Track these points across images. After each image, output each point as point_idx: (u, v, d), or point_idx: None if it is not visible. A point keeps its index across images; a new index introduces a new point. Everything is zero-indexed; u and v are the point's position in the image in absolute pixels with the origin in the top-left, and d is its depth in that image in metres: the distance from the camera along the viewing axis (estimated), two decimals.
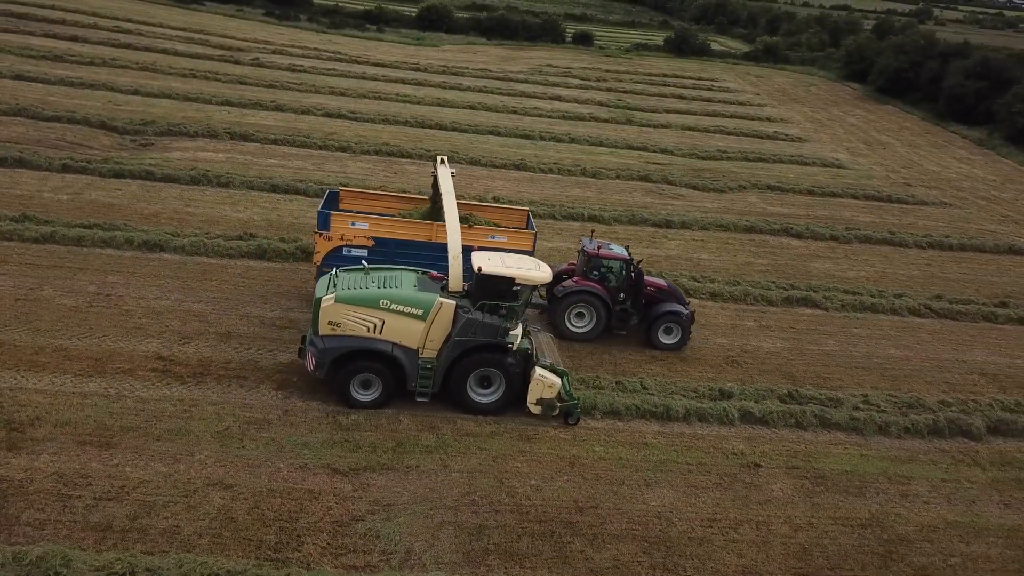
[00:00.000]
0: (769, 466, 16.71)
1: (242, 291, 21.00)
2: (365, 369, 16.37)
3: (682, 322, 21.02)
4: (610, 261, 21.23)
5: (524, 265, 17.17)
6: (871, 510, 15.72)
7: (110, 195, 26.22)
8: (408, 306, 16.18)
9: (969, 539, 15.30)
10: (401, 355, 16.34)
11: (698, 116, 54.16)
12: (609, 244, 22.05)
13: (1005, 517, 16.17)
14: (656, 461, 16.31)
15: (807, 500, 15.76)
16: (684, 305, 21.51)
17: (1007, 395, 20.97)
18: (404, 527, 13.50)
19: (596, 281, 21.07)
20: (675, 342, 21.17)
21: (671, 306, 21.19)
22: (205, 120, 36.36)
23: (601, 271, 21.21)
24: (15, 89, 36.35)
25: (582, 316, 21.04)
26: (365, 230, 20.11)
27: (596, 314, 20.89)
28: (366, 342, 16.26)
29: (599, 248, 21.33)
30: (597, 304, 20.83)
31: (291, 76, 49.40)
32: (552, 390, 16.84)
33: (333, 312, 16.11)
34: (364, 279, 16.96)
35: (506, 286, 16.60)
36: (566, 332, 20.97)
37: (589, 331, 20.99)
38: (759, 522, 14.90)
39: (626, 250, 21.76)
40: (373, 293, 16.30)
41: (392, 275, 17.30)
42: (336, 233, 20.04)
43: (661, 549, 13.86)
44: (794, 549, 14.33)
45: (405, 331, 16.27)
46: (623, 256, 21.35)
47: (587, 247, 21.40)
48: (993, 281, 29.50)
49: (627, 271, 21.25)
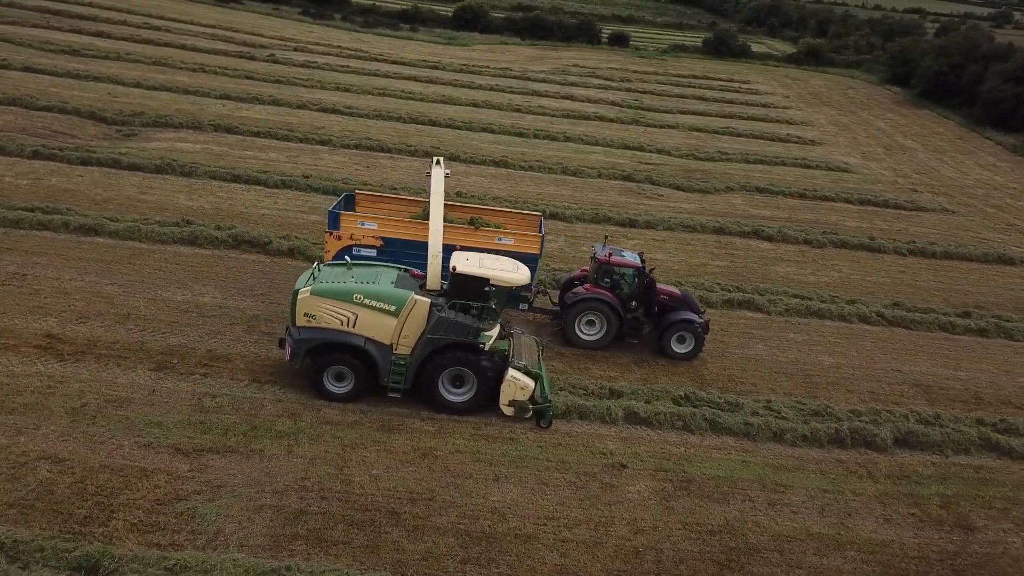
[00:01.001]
0: (636, 467, 16.25)
1: (160, 275, 21.43)
2: (338, 361, 16.58)
3: (695, 331, 20.53)
4: (621, 268, 20.79)
5: (501, 266, 17.12)
6: (728, 517, 15.14)
7: (70, 181, 27.09)
8: (381, 302, 16.31)
9: (826, 552, 14.60)
10: (374, 350, 16.50)
11: (711, 118, 53.14)
12: (621, 251, 21.61)
13: (879, 532, 15.38)
14: (515, 457, 16.03)
15: (662, 503, 15.27)
16: (698, 314, 20.95)
17: (932, 407, 19.97)
18: (223, 508, 13.57)
19: (607, 289, 20.71)
20: (688, 351, 20.69)
21: (684, 314, 20.68)
22: (197, 113, 37.25)
23: (612, 278, 20.81)
24: (21, 80, 37.87)
25: (592, 324, 20.69)
26: (374, 230, 20.53)
27: (607, 322, 20.54)
28: (339, 335, 16.44)
29: (610, 255, 20.87)
30: (607, 312, 20.45)
31: (302, 72, 50.26)
32: (524, 392, 16.76)
33: (309, 304, 16.37)
34: (345, 274, 17.14)
35: (480, 286, 16.56)
36: (576, 340, 20.68)
37: (600, 339, 20.67)
38: (599, 523, 14.50)
39: (639, 257, 21.29)
40: (347, 287, 16.48)
41: (373, 271, 17.47)
42: (346, 233, 20.54)
43: (481, 544, 13.61)
44: (625, 552, 13.90)
45: (378, 326, 16.41)
46: (635, 263, 20.88)
47: (598, 254, 20.96)
48: (967, 291, 28.13)
49: (639, 279, 20.82)
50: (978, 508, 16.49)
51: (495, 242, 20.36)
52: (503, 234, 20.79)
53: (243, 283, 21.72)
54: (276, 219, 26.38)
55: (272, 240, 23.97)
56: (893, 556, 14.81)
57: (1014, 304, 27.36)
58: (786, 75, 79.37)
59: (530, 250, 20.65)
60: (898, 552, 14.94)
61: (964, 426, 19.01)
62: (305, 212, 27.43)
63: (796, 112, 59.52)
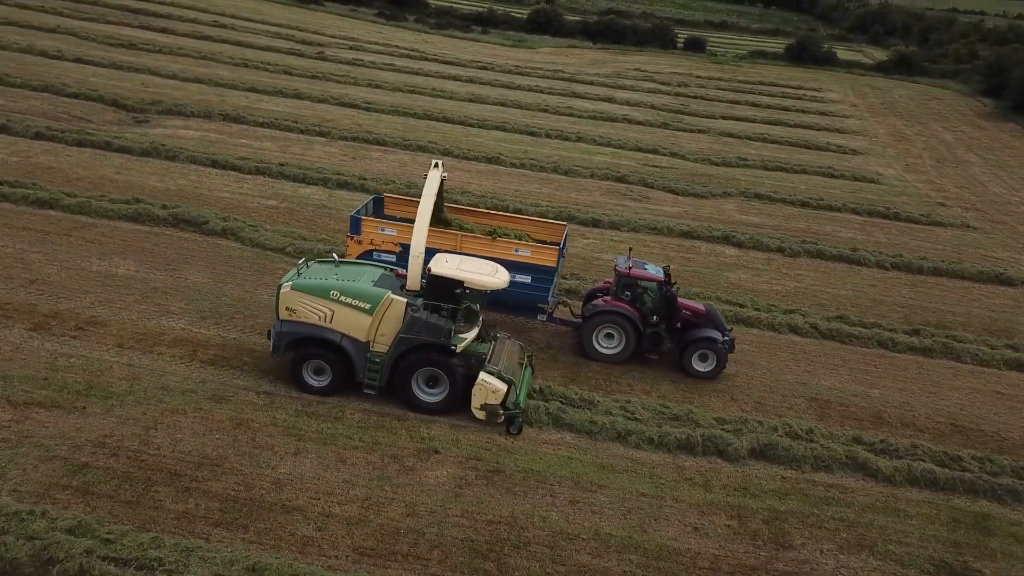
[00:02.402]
0: (449, 454, 16.21)
1: (88, 247, 22.89)
2: (316, 356, 17.10)
3: (717, 349, 19.99)
4: (642, 282, 20.37)
5: (479, 270, 17.35)
6: (517, 510, 14.91)
7: (57, 160, 29.22)
8: (356, 299, 16.73)
9: (602, 554, 14.17)
10: (350, 346, 16.91)
11: (753, 124, 51.51)
12: (644, 264, 21.16)
13: (679, 540, 14.78)
14: (328, 434, 16.30)
15: (454, 491, 15.18)
16: (723, 332, 20.41)
17: (817, 421, 18.94)
18: (18, 456, 14.50)
19: (627, 302, 20.37)
20: (710, 370, 20.16)
21: (706, 332, 20.16)
22: (218, 103, 39.27)
23: (633, 292, 20.43)
24: (65, 70, 41.01)
25: (611, 337, 20.40)
26: (393, 236, 20.83)
27: (625, 336, 20.22)
28: (317, 330, 16.93)
29: (630, 268, 20.47)
30: (626, 326, 20.11)
31: (343, 69, 52.01)
32: (496, 396, 16.75)
33: (290, 299, 16.97)
34: (329, 271, 17.65)
35: (453, 288, 16.77)
36: (593, 353, 20.47)
37: (618, 353, 20.36)
38: (375, 503, 14.57)
39: (664, 271, 20.84)
40: (325, 284, 16.96)
41: (357, 269, 17.98)
42: (366, 237, 21.01)
43: (242, 511, 13.98)
44: (385, 532, 13.91)
45: (353, 323, 16.82)
46: (656, 277, 20.39)
47: (619, 266, 20.63)
48: (937, 308, 26.31)
49: (660, 293, 20.39)
50: (806, 527, 15.56)
51: (512, 253, 20.33)
52: (521, 245, 20.68)
53: (163, 258, 22.90)
54: (231, 202, 27.58)
55: (209, 220, 25.12)
56: (680, 565, 14.21)
57: (984, 324, 25.41)
58: (868, 84, 75.68)
59: (547, 262, 20.46)
60: (688, 561, 14.32)
61: (836, 443, 17.91)
62: (265, 198, 28.56)
63: (855, 122, 56.79)
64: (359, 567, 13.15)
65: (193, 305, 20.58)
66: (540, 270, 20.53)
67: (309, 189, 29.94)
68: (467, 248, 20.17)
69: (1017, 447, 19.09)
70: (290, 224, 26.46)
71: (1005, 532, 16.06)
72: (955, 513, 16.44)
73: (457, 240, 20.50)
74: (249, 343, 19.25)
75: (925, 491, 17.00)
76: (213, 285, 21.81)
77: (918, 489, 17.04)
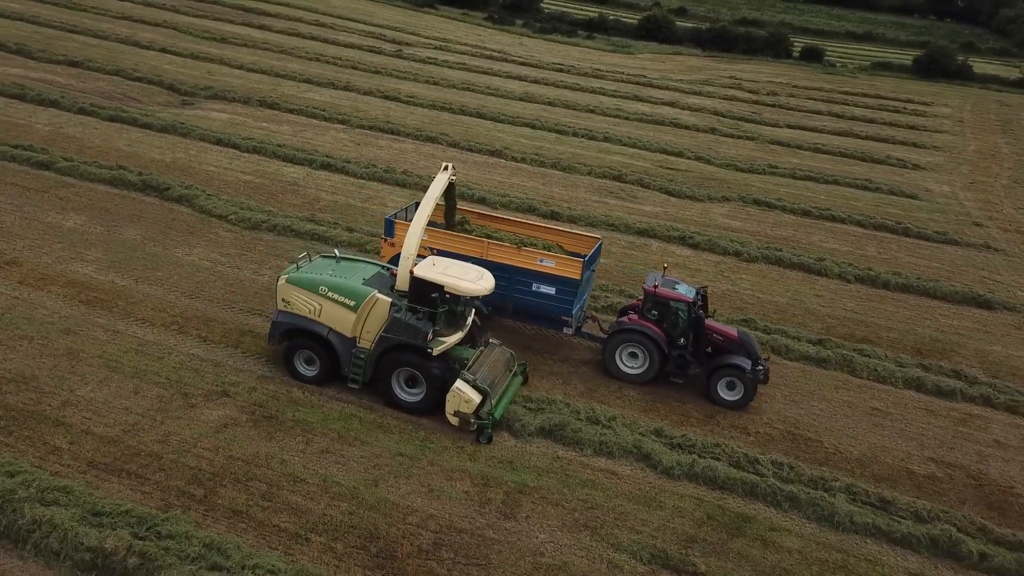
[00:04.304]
0: (238, 399, 17.50)
1: (56, 203, 26.00)
2: (305, 347, 17.91)
3: (744, 378, 18.96)
4: (669, 301, 19.57)
5: (464, 275, 17.44)
6: (262, 451, 15.95)
7: (84, 132, 33.07)
8: (342, 296, 17.38)
9: (316, 497, 14.97)
10: (336, 340, 17.54)
11: (818, 134, 49.23)
12: (676, 282, 20.32)
13: (405, 497, 15.29)
14: (142, 370, 18.00)
15: (215, 428, 16.43)
16: (757, 360, 19.37)
17: (630, 412, 18.72)
18: None
19: (653, 321, 19.69)
20: (737, 399, 19.18)
21: (734, 359, 19.21)
22: (264, 92, 42.53)
23: (661, 311, 19.71)
24: (143, 57, 45.80)
25: (635, 357, 19.79)
26: (424, 240, 19.92)
27: (649, 357, 19.58)
28: (307, 323, 17.68)
29: (657, 285, 19.74)
30: (650, 346, 19.43)
31: (414, 66, 54.44)
32: (468, 405, 16.78)
33: (285, 291, 17.85)
34: (326, 266, 18.41)
35: (433, 292, 17.00)
36: (615, 371, 19.93)
37: (641, 374, 19.72)
38: (134, 426, 16.11)
39: (696, 292, 20.06)
40: (316, 279, 17.69)
41: (352, 266, 18.64)
42: (399, 240, 20.29)
43: (21, 420, 15.90)
44: (122, 450, 15.40)
45: (339, 319, 17.46)
46: (684, 297, 19.53)
47: (647, 283, 20.00)
48: (872, 323, 24.77)
49: (689, 314, 19.58)
50: (545, 504, 15.63)
51: (536, 263, 20.02)
52: (545, 255, 20.16)
53: (112, 216, 25.67)
54: (210, 174, 30.18)
55: (172, 187, 27.78)
56: (388, 517, 14.78)
57: (918, 343, 23.70)
58: (1001, 100, 69.66)
59: (571, 274, 19.87)
60: (398, 515, 14.87)
61: (632, 432, 17.69)
62: (245, 173, 31.02)
63: (946, 137, 52.79)
64: (82, 476, 14.75)
65: (108, 256, 23.07)
66: (564, 282, 19.87)
67: (292, 168, 32.17)
68: (492, 256, 20.00)
69: (846, 461, 18.02)
70: (250, 196, 28.68)
71: (755, 535, 15.40)
72: (715, 511, 15.92)
73: (484, 247, 20.25)
74: (134, 290, 21.42)
75: (701, 487, 16.54)
76: (139, 241, 24.28)
77: (695, 485, 16.59)
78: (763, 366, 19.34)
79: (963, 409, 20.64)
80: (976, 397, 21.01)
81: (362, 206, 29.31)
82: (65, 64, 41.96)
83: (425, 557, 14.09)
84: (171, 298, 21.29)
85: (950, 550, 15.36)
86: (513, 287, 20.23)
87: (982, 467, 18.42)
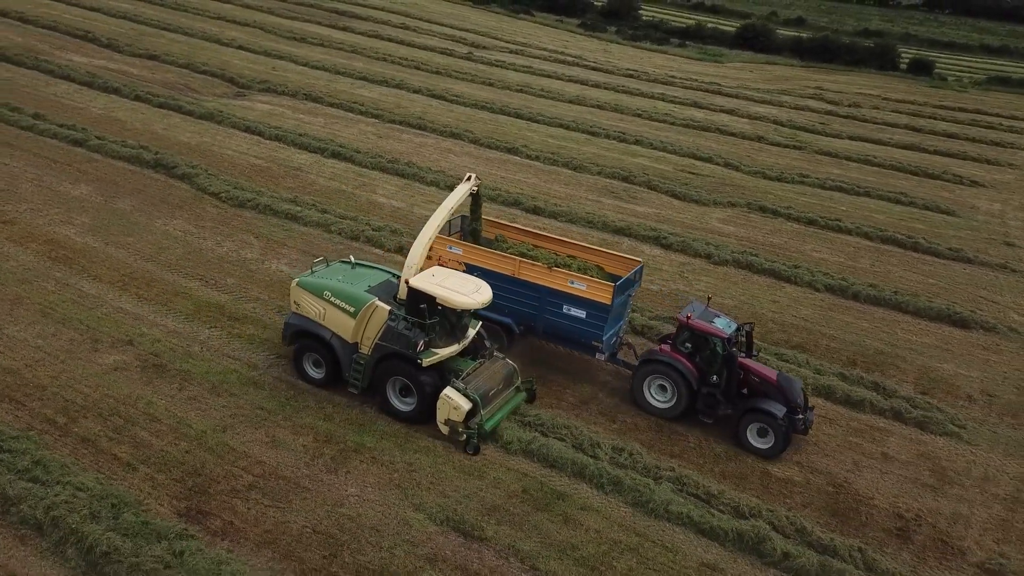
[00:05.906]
0: (141, 348, 19.35)
1: (71, 173, 29.06)
2: (311, 348, 18.39)
3: (775, 426, 17.58)
4: (704, 335, 18.45)
5: (458, 288, 17.37)
6: (135, 393, 17.66)
7: (131, 115, 36.48)
8: (343, 301, 17.74)
9: (162, 435, 16.51)
10: (338, 345, 17.93)
11: (875, 145, 47.13)
12: (716, 315, 19.10)
13: (244, 445, 16.59)
14: (76, 320, 20.19)
15: (104, 371, 18.28)
16: (795, 407, 17.92)
17: None
18: None
19: (685, 354, 18.74)
20: (768, 448, 17.83)
21: (766, 403, 17.81)
22: (321, 87, 45.15)
23: (694, 344, 18.68)
24: (218, 52, 49.51)
25: (664, 390, 18.91)
26: (459, 255, 20.49)
27: (676, 391, 18.69)
28: (313, 325, 18.20)
29: (689, 317, 18.56)
30: (678, 380, 18.50)
31: (479, 68, 55.97)
32: (457, 413, 16.79)
33: (296, 293, 18.44)
34: (337, 272, 18.87)
35: (425, 302, 17.08)
36: (643, 402, 19.12)
37: (669, 408, 18.81)
38: (35, 361, 18.27)
39: (737, 327, 18.81)
40: (322, 283, 18.11)
41: (362, 273, 18.96)
42: (435, 254, 20.18)
43: None
44: (22, 384, 17.51)
45: (340, 324, 17.82)
46: (719, 332, 18.26)
47: (682, 313, 18.97)
48: (814, 331, 24.14)
49: (723, 350, 18.35)
50: (371, 464, 16.49)
51: (567, 285, 19.39)
52: (576, 277, 19.43)
53: (116, 188, 28.44)
54: (224, 157, 32.65)
55: (178, 166, 30.35)
56: (219, 457, 16.10)
57: (856, 354, 22.91)
58: None
59: (601, 299, 19.03)
60: (230, 457, 16.15)
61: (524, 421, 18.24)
62: (256, 157, 33.29)
63: None
64: None
65: (93, 221, 25.72)
66: (595, 306, 19.13)
67: (303, 155, 34.27)
68: (524, 275, 19.68)
69: (704, 457, 17.87)
70: (250, 178, 30.90)
71: (561, 512, 15.73)
72: (533, 487, 16.33)
73: (516, 265, 19.87)
74: (100, 251, 23.85)
75: (533, 464, 16.95)
76: (128, 211, 26.86)
77: (527, 461, 17.03)
78: (803, 415, 17.90)
79: (865, 420, 19.87)
80: (886, 411, 20.15)
81: (352, 192, 30.98)
82: (145, 57, 46.13)
83: (233, 495, 15.31)
84: (128, 260, 23.57)
85: (754, 546, 15.12)
86: (544, 308, 19.78)
87: (851, 476, 17.78)
